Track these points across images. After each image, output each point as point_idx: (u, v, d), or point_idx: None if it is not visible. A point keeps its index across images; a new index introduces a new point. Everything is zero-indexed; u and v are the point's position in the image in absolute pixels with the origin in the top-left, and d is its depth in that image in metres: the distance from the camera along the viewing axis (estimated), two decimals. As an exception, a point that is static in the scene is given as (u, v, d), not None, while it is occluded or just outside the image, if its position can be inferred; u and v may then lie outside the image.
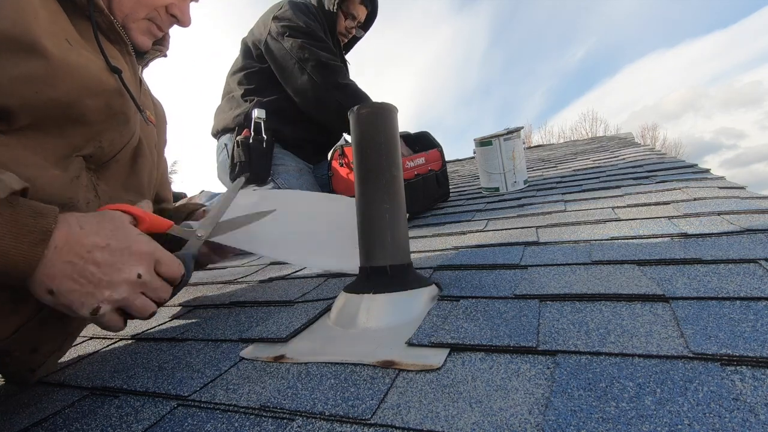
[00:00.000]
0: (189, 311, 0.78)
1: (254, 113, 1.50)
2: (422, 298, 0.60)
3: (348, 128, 1.50)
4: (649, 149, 2.18)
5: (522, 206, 1.22)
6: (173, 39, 0.80)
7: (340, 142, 1.63)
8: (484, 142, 1.57)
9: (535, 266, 0.67)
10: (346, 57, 1.90)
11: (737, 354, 0.36)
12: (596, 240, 0.77)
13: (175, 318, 0.75)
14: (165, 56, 0.78)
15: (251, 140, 1.49)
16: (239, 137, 1.50)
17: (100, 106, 0.56)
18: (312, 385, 0.43)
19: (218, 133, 1.67)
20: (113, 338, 0.70)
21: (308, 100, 1.51)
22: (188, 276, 0.55)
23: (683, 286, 0.51)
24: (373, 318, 0.57)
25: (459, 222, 1.17)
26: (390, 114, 0.69)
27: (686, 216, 0.82)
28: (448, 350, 0.46)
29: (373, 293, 0.60)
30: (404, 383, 0.41)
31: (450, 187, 1.72)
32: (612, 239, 0.75)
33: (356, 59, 1.92)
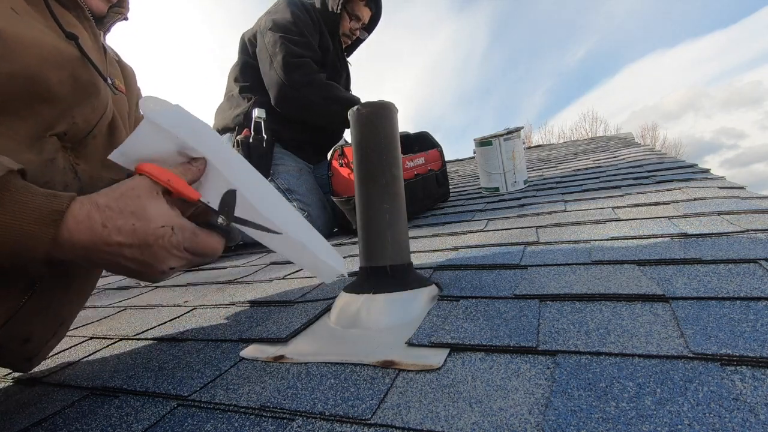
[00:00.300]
0: (189, 311, 0.78)
1: (254, 113, 1.50)
2: (422, 298, 0.60)
3: (322, 122, 1.49)
4: (649, 149, 2.18)
5: (522, 206, 1.23)
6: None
7: (340, 143, 1.63)
8: (484, 142, 1.57)
9: (535, 266, 0.68)
10: (349, 59, 1.89)
11: (737, 354, 0.36)
12: (596, 240, 0.77)
13: (175, 318, 0.76)
14: (126, 19, 0.72)
15: (251, 140, 1.49)
16: (239, 137, 1.50)
17: (66, 78, 0.52)
18: (312, 385, 0.43)
19: (218, 132, 1.67)
20: (113, 338, 0.70)
21: (275, 97, 1.50)
22: (230, 242, 0.54)
23: (683, 286, 0.51)
24: (373, 318, 0.57)
25: (459, 222, 1.17)
26: (390, 113, 0.69)
27: (686, 216, 0.82)
28: (448, 350, 0.46)
29: (373, 293, 0.60)
30: (404, 383, 0.41)
31: (450, 187, 1.72)
32: (612, 239, 0.75)
33: (356, 59, 1.92)
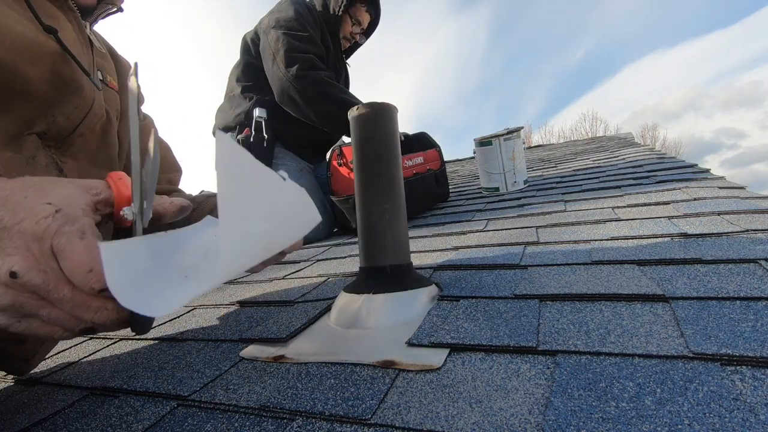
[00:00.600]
0: (189, 311, 0.78)
1: (255, 112, 1.50)
2: (422, 298, 0.60)
3: (321, 120, 1.50)
4: (649, 149, 2.18)
5: (522, 206, 1.23)
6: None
7: (339, 143, 1.63)
8: (484, 142, 1.57)
9: (535, 266, 0.67)
10: (347, 61, 1.90)
11: (737, 354, 0.36)
12: (596, 240, 0.77)
13: (175, 318, 0.76)
14: (121, 11, 0.67)
15: (252, 139, 1.49)
16: (240, 136, 1.51)
17: (46, 74, 0.49)
18: (312, 385, 0.43)
19: (219, 131, 1.67)
20: (113, 338, 0.70)
21: (276, 93, 1.49)
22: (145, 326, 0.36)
23: (683, 286, 0.51)
24: (373, 318, 0.57)
25: (459, 222, 1.17)
26: (390, 114, 0.69)
27: (686, 216, 0.82)
28: (448, 350, 0.46)
29: (373, 293, 0.60)
30: (404, 383, 0.41)
31: (450, 187, 1.72)
32: (612, 239, 0.75)
33: (356, 59, 1.93)
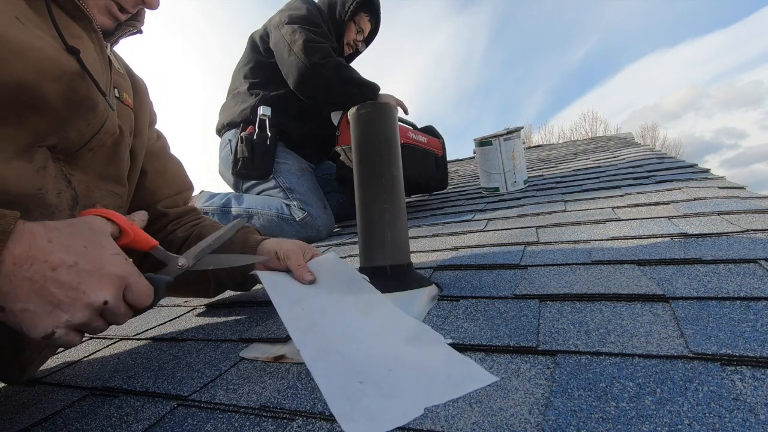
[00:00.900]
0: (189, 311, 0.78)
1: (260, 110, 1.51)
2: (422, 298, 0.60)
3: (340, 101, 1.52)
4: (649, 149, 2.18)
5: (522, 206, 1.22)
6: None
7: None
8: (484, 142, 1.58)
9: (535, 266, 0.67)
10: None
11: (737, 354, 0.36)
12: (596, 240, 0.77)
13: (175, 318, 0.76)
14: (140, 32, 0.69)
15: (255, 137, 1.50)
16: (243, 133, 1.51)
17: (63, 91, 0.50)
18: (312, 385, 0.43)
19: (223, 128, 1.67)
20: (113, 338, 0.70)
21: (295, 81, 1.50)
22: (155, 303, 0.50)
23: (683, 286, 0.51)
24: (373, 318, 0.57)
25: (459, 222, 1.17)
26: (390, 113, 0.69)
27: (686, 216, 0.82)
28: (448, 350, 0.46)
29: (373, 293, 0.60)
30: (404, 383, 0.41)
31: (450, 187, 1.73)
32: (612, 239, 0.75)
33: (356, 59, 1.95)
